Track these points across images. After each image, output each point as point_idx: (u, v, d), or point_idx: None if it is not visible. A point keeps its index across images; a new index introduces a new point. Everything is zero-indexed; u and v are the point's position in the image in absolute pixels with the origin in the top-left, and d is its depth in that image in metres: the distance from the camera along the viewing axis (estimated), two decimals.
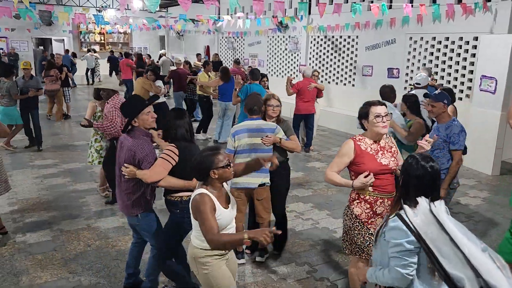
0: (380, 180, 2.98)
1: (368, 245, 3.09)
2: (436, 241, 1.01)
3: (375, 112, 2.97)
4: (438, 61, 8.82)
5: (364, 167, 2.98)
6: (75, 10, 13.87)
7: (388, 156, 3.04)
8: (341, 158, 3.07)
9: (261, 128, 3.89)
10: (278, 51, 13.68)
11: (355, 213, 3.06)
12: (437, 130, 4.03)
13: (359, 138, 3.08)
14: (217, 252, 2.60)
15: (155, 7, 6.88)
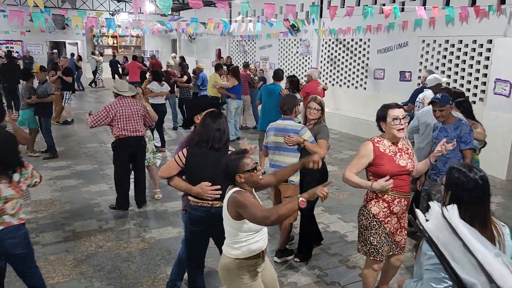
0: (398, 180, 3.05)
1: (383, 245, 3.11)
2: (448, 246, 1.00)
3: (393, 115, 3.01)
4: (451, 64, 8.73)
5: (383, 169, 3.02)
6: (88, 14, 14.06)
7: (405, 157, 3.10)
8: (360, 159, 3.11)
9: (286, 128, 4.00)
10: (289, 54, 13.68)
11: (373, 212, 3.10)
12: (445, 131, 3.96)
13: (378, 139, 3.12)
14: (250, 263, 2.55)
15: (167, 9, 6.94)
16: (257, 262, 2.60)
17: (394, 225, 3.13)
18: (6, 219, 2.91)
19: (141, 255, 4.34)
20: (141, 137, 5.43)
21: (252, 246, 2.54)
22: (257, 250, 2.57)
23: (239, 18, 14.10)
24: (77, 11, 13.74)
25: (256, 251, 2.57)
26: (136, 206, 5.59)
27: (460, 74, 8.57)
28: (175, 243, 4.61)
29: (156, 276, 3.95)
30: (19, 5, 15.92)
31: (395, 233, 3.15)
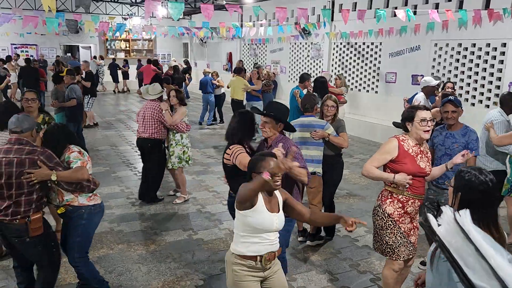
0: (415, 181, 3.07)
1: (399, 245, 3.12)
2: (460, 251, 0.99)
3: (421, 116, 3.04)
4: (464, 67, 8.64)
5: (404, 167, 3.04)
6: (101, 18, 14.25)
7: (425, 160, 3.13)
8: (383, 155, 3.13)
9: (311, 124, 4.40)
10: (300, 57, 13.68)
11: (388, 212, 3.11)
12: (453, 137, 3.91)
13: (403, 138, 3.14)
14: (244, 262, 2.55)
15: (178, 15, 7.00)
16: (254, 265, 2.56)
17: (407, 225, 3.15)
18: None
19: (151, 257, 4.36)
20: (146, 139, 5.60)
21: (249, 246, 2.54)
22: (255, 252, 2.54)
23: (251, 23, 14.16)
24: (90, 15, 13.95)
25: (254, 252, 2.54)
26: (147, 209, 5.63)
27: (474, 77, 8.48)
28: (186, 245, 4.63)
29: (166, 279, 3.96)
30: (34, 10, 16.18)
31: (409, 233, 3.16)
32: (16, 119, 3.11)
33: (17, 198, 3.00)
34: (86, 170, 3.15)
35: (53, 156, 3.09)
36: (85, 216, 3.25)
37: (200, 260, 4.31)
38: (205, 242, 4.69)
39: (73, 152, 3.19)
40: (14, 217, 3.00)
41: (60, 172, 3.03)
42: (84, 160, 3.25)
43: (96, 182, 3.31)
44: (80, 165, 3.15)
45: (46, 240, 3.18)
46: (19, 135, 3.05)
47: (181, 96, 5.84)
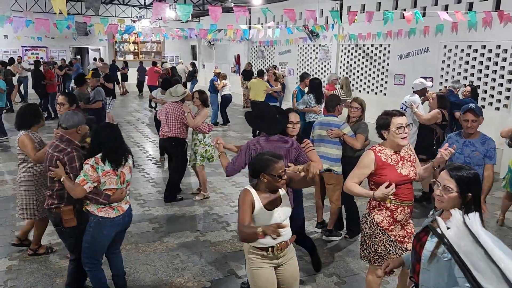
0: (400, 189, 3.00)
1: (388, 252, 3.07)
2: (470, 254, 0.98)
3: (397, 123, 2.95)
4: (474, 70, 8.57)
5: (385, 178, 2.97)
6: (110, 21, 14.35)
7: (407, 165, 3.04)
8: (362, 169, 3.07)
9: (329, 123, 4.63)
10: (308, 60, 13.66)
11: (376, 220, 3.06)
12: (473, 146, 3.89)
13: (379, 149, 3.06)
14: (257, 251, 2.71)
15: (186, 16, 7.03)
16: (266, 255, 2.71)
17: (398, 232, 3.07)
18: (127, 198, 3.39)
19: (159, 259, 4.37)
20: (170, 139, 5.84)
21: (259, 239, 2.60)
22: (265, 244, 2.66)
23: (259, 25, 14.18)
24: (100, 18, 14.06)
25: (265, 244, 2.67)
26: (155, 210, 5.66)
27: (483, 80, 8.40)
28: (193, 247, 4.63)
29: (173, 280, 3.97)
30: (45, 13, 16.35)
31: (402, 241, 3.08)
32: (64, 116, 3.36)
33: (51, 190, 3.31)
34: (80, 189, 3.05)
35: (74, 160, 3.20)
36: (92, 224, 3.22)
37: (207, 262, 4.31)
38: (212, 244, 4.69)
39: (87, 165, 3.11)
40: (51, 206, 3.32)
41: (65, 179, 3.14)
42: (91, 176, 3.07)
43: (112, 197, 3.18)
44: (78, 183, 3.05)
45: (79, 234, 3.31)
46: (64, 132, 3.31)
47: (203, 97, 5.87)
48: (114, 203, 3.22)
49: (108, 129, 3.27)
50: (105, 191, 3.16)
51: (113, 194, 3.18)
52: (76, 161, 3.20)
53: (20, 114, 4.11)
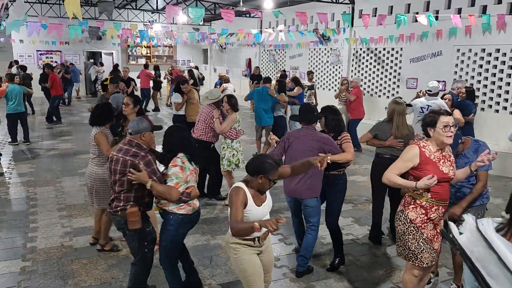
0: (438, 187, 3.02)
1: (422, 251, 3.08)
2: (483, 260, 0.97)
3: (444, 122, 3.00)
4: (487, 73, 8.47)
5: (427, 173, 3.00)
6: (123, 25, 14.51)
7: (447, 165, 3.08)
8: (405, 162, 3.11)
9: None
10: (319, 63, 13.64)
11: (410, 217, 3.09)
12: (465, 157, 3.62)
13: (424, 144, 3.11)
14: (245, 242, 2.87)
15: (199, 20, 7.09)
16: (251, 245, 2.89)
17: (430, 231, 3.10)
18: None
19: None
20: (199, 141, 5.79)
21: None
22: (253, 235, 2.84)
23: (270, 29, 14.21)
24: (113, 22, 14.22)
25: (253, 236, 2.84)
26: None
27: (498, 84, 8.30)
28: (203, 250, 4.64)
29: None
30: (59, 17, 16.60)
31: (433, 239, 3.12)
32: (132, 122, 3.45)
33: (118, 193, 3.32)
34: (176, 192, 3.14)
35: (151, 163, 3.27)
36: (171, 222, 3.29)
37: (217, 265, 4.31)
38: (223, 248, 4.69)
39: (175, 167, 3.18)
40: (115, 209, 3.33)
41: (155, 184, 3.15)
42: (182, 177, 3.18)
43: (191, 194, 3.31)
44: (173, 186, 3.14)
45: (142, 237, 3.37)
46: (132, 137, 3.40)
47: (232, 102, 5.74)
48: (191, 200, 3.34)
49: (179, 130, 3.41)
50: (185, 190, 3.28)
51: (191, 192, 3.31)
52: (153, 164, 3.27)
53: (96, 112, 4.36)
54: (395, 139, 4.54)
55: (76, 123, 12.72)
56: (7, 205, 5.92)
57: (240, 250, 2.90)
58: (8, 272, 4.11)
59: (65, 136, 10.76)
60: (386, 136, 4.63)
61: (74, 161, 8.37)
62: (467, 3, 8.77)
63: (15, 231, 5.08)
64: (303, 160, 3.21)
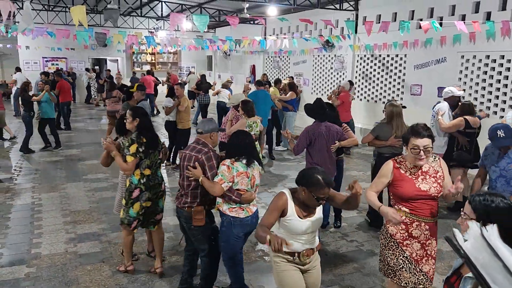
0: (417, 203, 2.93)
1: (401, 268, 2.97)
2: (488, 267, 0.96)
3: (413, 143, 2.89)
4: (492, 80, 8.45)
5: (401, 190, 2.95)
6: (128, 32, 14.62)
7: (430, 181, 2.94)
8: (380, 178, 3.08)
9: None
10: (323, 70, 13.65)
11: (390, 232, 3.02)
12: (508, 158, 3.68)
13: (400, 160, 3.04)
14: (286, 256, 2.78)
15: (203, 27, 7.13)
16: (292, 260, 2.79)
17: (417, 251, 2.97)
18: (255, 202, 3.57)
19: (173, 268, 4.38)
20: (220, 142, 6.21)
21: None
22: (292, 249, 2.73)
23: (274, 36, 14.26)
24: (118, 30, 14.33)
25: (291, 250, 2.73)
26: (170, 220, 5.67)
27: (503, 90, 8.27)
28: None
29: None
30: (65, 24, 16.75)
31: (419, 260, 2.97)
32: (200, 122, 3.72)
33: (186, 189, 3.54)
34: (218, 187, 3.30)
35: (211, 159, 3.47)
36: (224, 223, 3.48)
37: (222, 272, 4.30)
38: None
39: (223, 166, 3.37)
40: (183, 205, 3.55)
41: (204, 179, 3.37)
42: (228, 176, 3.32)
43: (243, 196, 3.38)
44: (217, 181, 3.31)
45: (207, 232, 3.61)
46: (199, 136, 3.61)
47: (246, 107, 5.88)
48: (244, 204, 3.44)
49: (242, 135, 3.56)
50: (236, 191, 3.39)
51: (243, 194, 3.40)
52: (213, 160, 3.46)
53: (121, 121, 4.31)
54: (395, 139, 5.02)
55: (81, 129, 12.79)
56: (12, 211, 5.95)
57: (280, 264, 2.82)
58: (13, 278, 4.12)
59: (70, 142, 10.81)
60: (387, 136, 5.08)
61: (79, 167, 8.40)
62: (471, 9, 8.77)
63: (19, 236, 5.09)
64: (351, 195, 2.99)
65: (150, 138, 3.94)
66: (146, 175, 3.93)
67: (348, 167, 8.52)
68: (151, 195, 3.97)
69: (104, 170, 8.11)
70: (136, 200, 3.92)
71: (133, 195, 3.91)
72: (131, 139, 3.85)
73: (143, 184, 3.92)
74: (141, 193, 3.92)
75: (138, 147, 3.83)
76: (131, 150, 3.80)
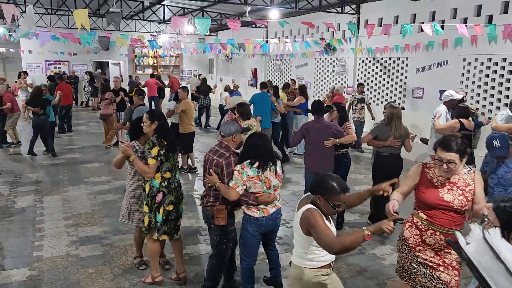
0: (436, 212, 2.83)
1: (416, 272, 2.95)
2: (490, 270, 0.96)
3: (439, 155, 2.78)
4: (494, 83, 8.44)
5: (423, 196, 2.89)
6: (130, 36, 14.67)
7: (456, 193, 2.81)
8: (407, 179, 3.04)
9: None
10: (325, 73, 13.67)
11: (405, 235, 3.01)
12: (506, 166, 3.70)
13: (430, 165, 2.95)
14: (322, 272, 2.68)
15: (205, 30, 7.15)
16: (328, 272, 2.72)
17: (431, 258, 2.91)
18: (276, 203, 3.60)
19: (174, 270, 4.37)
20: None
21: (322, 257, 2.67)
22: (327, 260, 2.69)
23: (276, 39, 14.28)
24: (120, 33, 14.37)
25: (327, 261, 2.69)
26: None
27: (505, 93, 8.26)
28: None
29: None
30: (68, 28, 16.81)
31: (436, 268, 2.89)
32: (222, 125, 3.76)
33: (209, 190, 3.60)
34: (233, 192, 3.37)
35: (230, 165, 3.50)
36: (243, 221, 3.62)
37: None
38: None
39: (235, 170, 3.45)
40: (206, 204, 3.63)
41: (220, 184, 3.44)
42: (240, 180, 3.38)
43: (260, 198, 3.45)
44: (231, 187, 3.39)
45: (224, 234, 3.64)
46: (222, 139, 3.67)
47: (240, 110, 5.83)
48: (261, 205, 3.50)
49: (257, 138, 3.58)
50: (252, 194, 3.46)
51: (260, 196, 3.46)
52: (232, 166, 3.50)
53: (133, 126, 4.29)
54: (394, 139, 5.22)
55: (83, 132, 12.81)
56: (14, 214, 5.96)
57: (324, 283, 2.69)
58: (15, 280, 4.12)
59: (72, 145, 10.83)
60: (385, 136, 5.28)
61: (81, 170, 8.41)
62: (472, 12, 8.77)
63: (21, 239, 5.10)
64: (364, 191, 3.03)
65: (169, 141, 3.89)
66: (167, 178, 3.86)
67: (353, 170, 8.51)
68: (173, 198, 3.90)
69: (106, 173, 8.13)
70: (160, 205, 3.85)
71: (157, 199, 3.84)
72: (152, 142, 3.78)
73: (165, 187, 3.85)
74: (164, 197, 3.85)
75: (160, 150, 3.77)
76: (152, 153, 3.74)
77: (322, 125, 5.28)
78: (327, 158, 5.27)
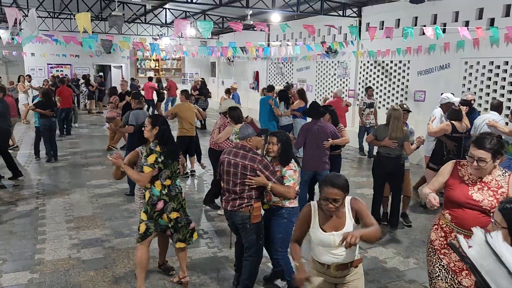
0: (463, 212, 2.77)
1: (437, 277, 2.89)
2: (493, 274, 0.95)
3: (471, 151, 2.74)
4: (496, 86, 8.43)
5: (452, 193, 2.84)
6: (133, 39, 14.72)
7: (487, 194, 2.74)
8: (438, 176, 3.01)
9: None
10: (327, 76, 13.67)
11: (431, 237, 3.01)
12: None
13: (463, 163, 2.90)
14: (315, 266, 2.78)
15: (207, 33, 7.17)
16: (323, 272, 2.72)
17: (455, 261, 2.84)
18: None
19: (176, 274, 4.36)
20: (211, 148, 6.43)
21: (317, 254, 2.73)
22: (324, 261, 2.69)
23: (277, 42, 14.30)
24: (122, 36, 14.41)
25: (323, 261, 2.70)
26: None
27: (507, 96, 8.25)
28: (211, 263, 4.62)
29: None
30: (70, 31, 16.88)
31: (459, 273, 2.83)
32: (241, 127, 3.74)
33: (241, 193, 3.56)
34: (294, 191, 3.53)
35: (269, 166, 3.54)
36: (285, 215, 3.73)
37: (224, 278, 4.29)
38: (230, 261, 4.67)
39: (290, 170, 3.61)
40: (238, 207, 3.56)
41: (275, 185, 3.47)
42: (296, 178, 3.61)
43: (298, 191, 3.67)
44: (291, 185, 3.53)
45: (259, 231, 3.68)
46: (243, 142, 3.65)
47: (232, 114, 5.72)
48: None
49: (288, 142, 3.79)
50: None
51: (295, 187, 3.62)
52: (270, 167, 3.55)
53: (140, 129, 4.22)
54: (389, 140, 5.35)
55: (85, 135, 12.83)
56: (16, 217, 5.96)
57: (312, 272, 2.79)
58: (16, 284, 4.12)
59: (74, 148, 10.85)
60: (383, 137, 5.46)
61: (83, 173, 8.42)
62: (474, 16, 8.78)
63: (23, 242, 5.10)
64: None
65: (169, 148, 3.78)
66: (167, 185, 3.78)
67: (354, 173, 8.51)
68: (175, 205, 3.83)
69: (108, 176, 8.13)
70: (163, 212, 3.79)
71: (158, 207, 3.77)
72: (149, 149, 3.70)
73: (165, 195, 3.78)
74: (166, 205, 3.78)
75: (157, 157, 3.67)
76: (148, 160, 3.64)
77: (320, 126, 5.55)
78: (326, 158, 5.55)
